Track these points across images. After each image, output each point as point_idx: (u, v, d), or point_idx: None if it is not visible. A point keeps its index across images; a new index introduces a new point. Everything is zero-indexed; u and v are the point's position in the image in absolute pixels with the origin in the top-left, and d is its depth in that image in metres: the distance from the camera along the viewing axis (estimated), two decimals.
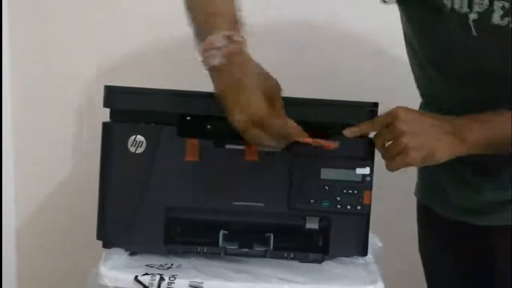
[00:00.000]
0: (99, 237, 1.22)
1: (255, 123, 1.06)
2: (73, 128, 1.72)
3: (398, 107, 1.11)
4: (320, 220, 1.22)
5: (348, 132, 1.15)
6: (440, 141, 1.09)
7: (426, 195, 1.33)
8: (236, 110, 1.06)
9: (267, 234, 1.23)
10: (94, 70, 1.68)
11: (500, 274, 1.21)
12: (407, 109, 1.12)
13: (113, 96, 1.21)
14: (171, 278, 1.13)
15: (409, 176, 1.61)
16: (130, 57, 1.69)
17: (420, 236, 1.39)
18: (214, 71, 1.08)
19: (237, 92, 1.06)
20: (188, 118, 1.19)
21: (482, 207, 1.21)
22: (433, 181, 1.29)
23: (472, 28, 1.11)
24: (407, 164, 1.10)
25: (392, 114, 1.11)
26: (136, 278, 1.13)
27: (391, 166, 1.12)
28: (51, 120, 1.73)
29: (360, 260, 1.24)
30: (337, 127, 1.19)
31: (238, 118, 1.06)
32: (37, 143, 1.75)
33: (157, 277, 1.13)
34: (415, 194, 1.38)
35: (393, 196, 1.67)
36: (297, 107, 1.20)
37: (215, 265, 1.20)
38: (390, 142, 1.11)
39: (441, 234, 1.31)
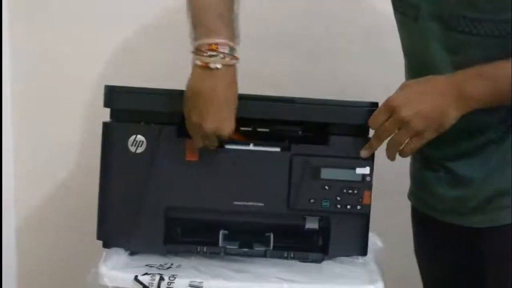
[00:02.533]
0: (99, 237, 1.22)
1: (216, 135, 1.14)
2: (73, 128, 1.72)
3: (391, 98, 1.12)
4: (320, 220, 1.23)
5: (364, 153, 1.18)
6: (445, 113, 1.10)
7: (419, 198, 1.33)
8: (210, 118, 1.12)
9: (267, 234, 1.23)
10: (94, 70, 1.68)
11: (490, 277, 1.21)
12: (400, 94, 1.12)
13: (114, 96, 1.21)
14: (171, 278, 1.13)
15: (409, 175, 1.61)
16: (130, 56, 1.69)
17: (414, 238, 1.40)
18: (205, 70, 1.13)
19: (214, 103, 1.12)
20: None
21: (468, 208, 1.21)
22: (424, 184, 1.29)
23: None
24: (422, 144, 1.13)
25: (388, 107, 1.12)
26: (136, 278, 1.13)
27: (406, 151, 1.14)
28: (51, 120, 1.73)
29: (360, 260, 1.24)
30: (336, 126, 1.20)
31: (207, 125, 1.12)
32: (37, 143, 1.75)
33: (157, 277, 1.13)
34: (409, 197, 1.38)
35: (393, 196, 1.66)
36: (296, 107, 1.20)
37: (215, 265, 1.20)
38: (397, 131, 1.13)
39: (434, 236, 1.31)
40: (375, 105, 1.19)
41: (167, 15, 1.68)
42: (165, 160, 1.19)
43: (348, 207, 1.20)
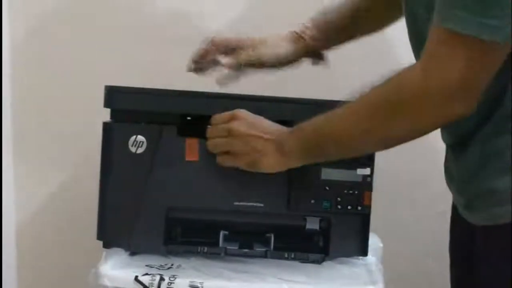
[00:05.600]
0: (99, 237, 1.22)
1: None
2: (73, 128, 1.72)
3: (239, 111, 1.16)
4: (321, 221, 1.22)
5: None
6: (264, 156, 1.13)
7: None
8: None
9: (268, 235, 1.23)
10: (95, 70, 1.67)
11: (482, 279, 1.17)
12: (246, 115, 1.15)
13: (114, 96, 1.21)
14: (171, 278, 1.13)
15: (409, 177, 1.62)
16: (131, 57, 1.69)
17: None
18: None
19: None
20: (189, 118, 1.19)
21: (463, 202, 1.15)
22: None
23: None
24: (232, 165, 1.16)
25: (232, 115, 1.15)
26: (136, 278, 1.13)
27: (218, 159, 1.17)
28: (51, 120, 1.73)
29: (361, 260, 1.24)
30: None
31: None
32: (37, 143, 1.75)
33: (157, 277, 1.13)
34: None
35: (394, 197, 1.67)
36: (296, 107, 1.20)
37: (215, 265, 1.20)
38: (221, 139, 1.16)
39: (455, 231, 1.29)
40: None
41: (168, 15, 1.68)
42: (165, 160, 1.19)
43: (349, 207, 1.20)
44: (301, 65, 1.70)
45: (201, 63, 1.34)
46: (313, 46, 1.34)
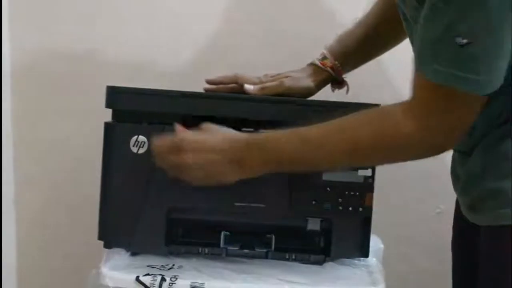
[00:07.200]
0: (100, 237, 1.22)
1: None
2: (74, 128, 1.71)
3: (183, 136, 1.13)
4: (322, 222, 1.23)
5: None
6: (223, 172, 1.11)
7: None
8: None
9: (269, 235, 1.23)
10: (96, 70, 1.67)
11: (482, 279, 1.17)
12: (192, 139, 1.12)
13: (115, 96, 1.21)
14: (173, 279, 1.13)
15: (410, 177, 1.62)
16: (131, 57, 1.69)
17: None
18: None
19: None
20: (190, 118, 1.19)
21: (471, 203, 1.17)
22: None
23: None
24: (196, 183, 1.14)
25: (177, 144, 1.12)
26: (137, 279, 1.13)
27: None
28: (52, 120, 1.73)
29: (362, 261, 1.24)
30: None
31: None
32: (37, 143, 1.74)
33: (159, 278, 1.13)
34: None
35: (395, 198, 1.67)
36: (297, 108, 1.20)
37: (217, 266, 1.20)
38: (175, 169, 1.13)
39: (458, 229, 1.29)
40: (376, 106, 1.19)
41: (170, 15, 1.68)
42: None
43: (350, 209, 1.20)
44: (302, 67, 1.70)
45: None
46: (335, 75, 1.36)
